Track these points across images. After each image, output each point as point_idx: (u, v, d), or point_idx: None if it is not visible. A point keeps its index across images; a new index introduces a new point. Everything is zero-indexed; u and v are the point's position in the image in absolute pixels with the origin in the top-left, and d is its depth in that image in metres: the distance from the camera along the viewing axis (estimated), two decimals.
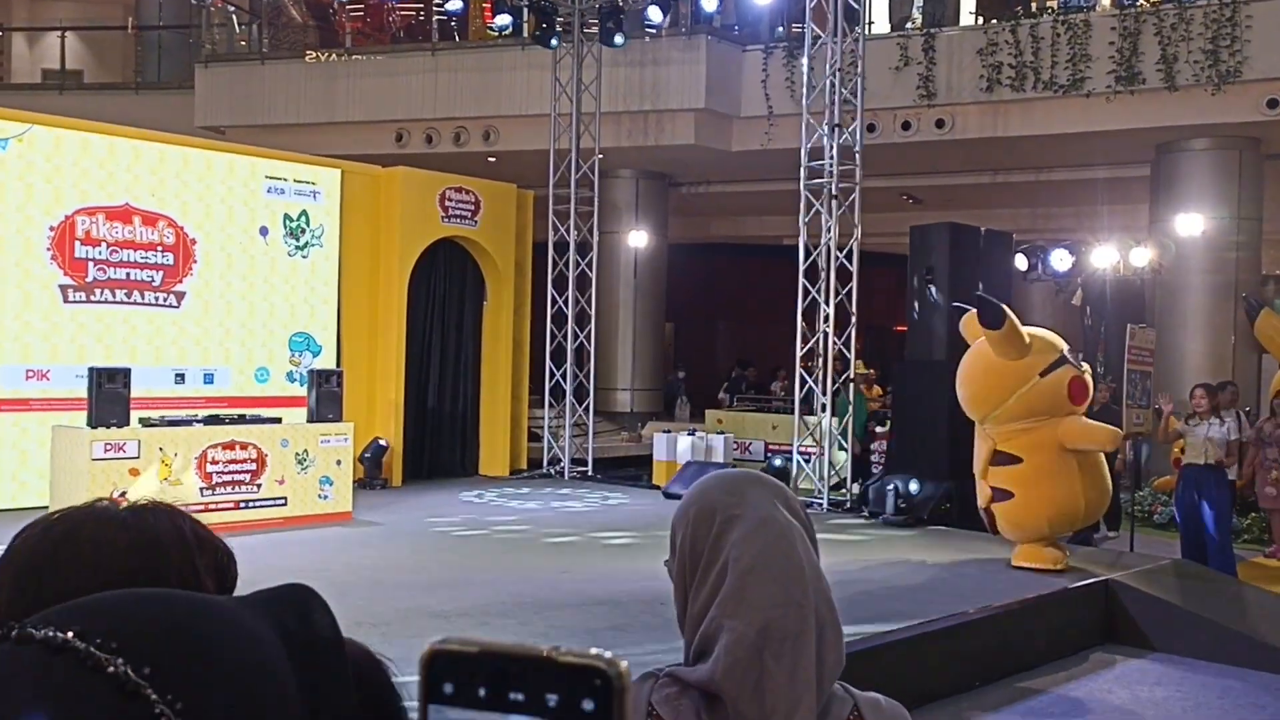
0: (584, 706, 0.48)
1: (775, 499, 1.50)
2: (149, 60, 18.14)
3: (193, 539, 1.08)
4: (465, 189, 12.13)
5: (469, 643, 0.50)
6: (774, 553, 1.45)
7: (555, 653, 0.49)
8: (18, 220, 9.23)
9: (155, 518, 1.08)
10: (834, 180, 10.76)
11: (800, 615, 1.41)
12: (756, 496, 1.50)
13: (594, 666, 0.49)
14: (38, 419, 9.07)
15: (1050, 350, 7.56)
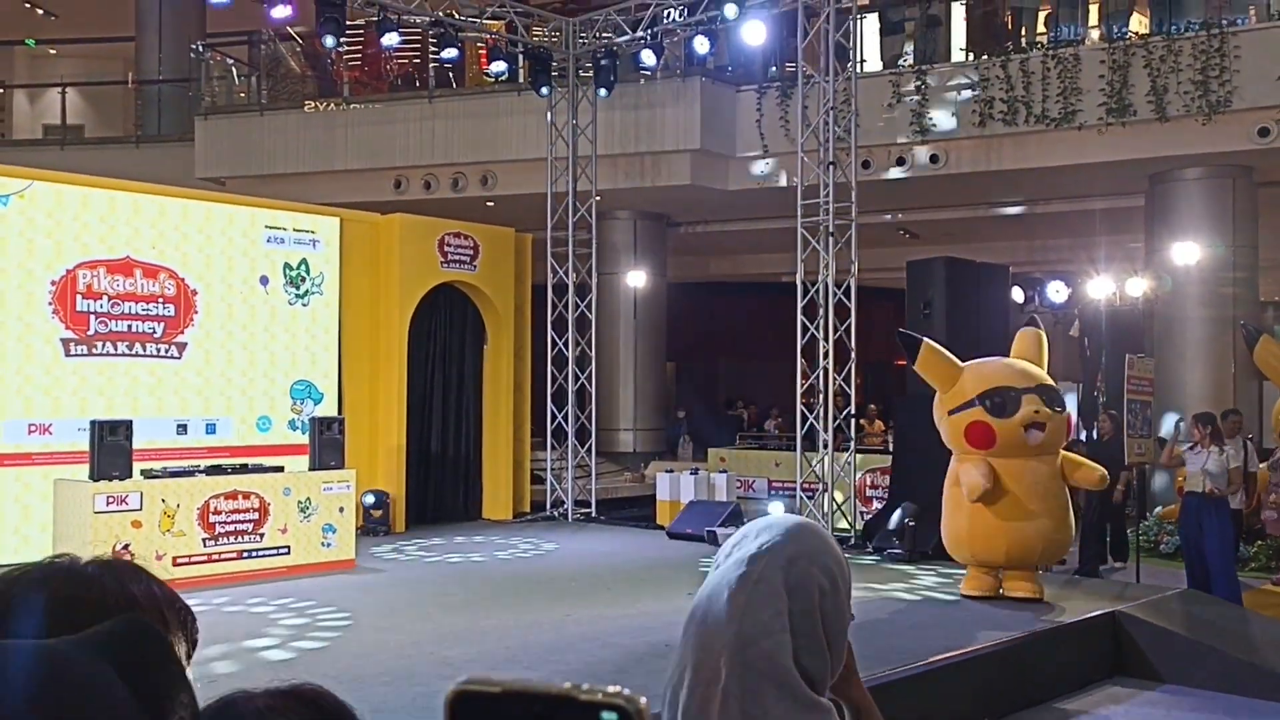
0: None
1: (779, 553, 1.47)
2: (149, 114, 18.31)
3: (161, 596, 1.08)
4: (464, 234, 12.21)
5: (491, 683, 0.52)
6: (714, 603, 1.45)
7: (575, 690, 0.51)
8: (19, 275, 9.29)
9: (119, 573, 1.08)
10: (830, 217, 10.83)
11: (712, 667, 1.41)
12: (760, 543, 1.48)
13: (614, 703, 0.50)
14: (40, 473, 9.08)
15: (971, 389, 7.37)
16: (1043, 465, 7.33)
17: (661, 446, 17.15)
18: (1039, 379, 7.41)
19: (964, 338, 10.14)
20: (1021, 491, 7.30)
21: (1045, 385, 7.39)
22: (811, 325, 10.95)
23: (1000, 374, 7.41)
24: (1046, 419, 7.24)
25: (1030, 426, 7.19)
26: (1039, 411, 7.19)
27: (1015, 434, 7.17)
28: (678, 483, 12.08)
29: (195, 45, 17.07)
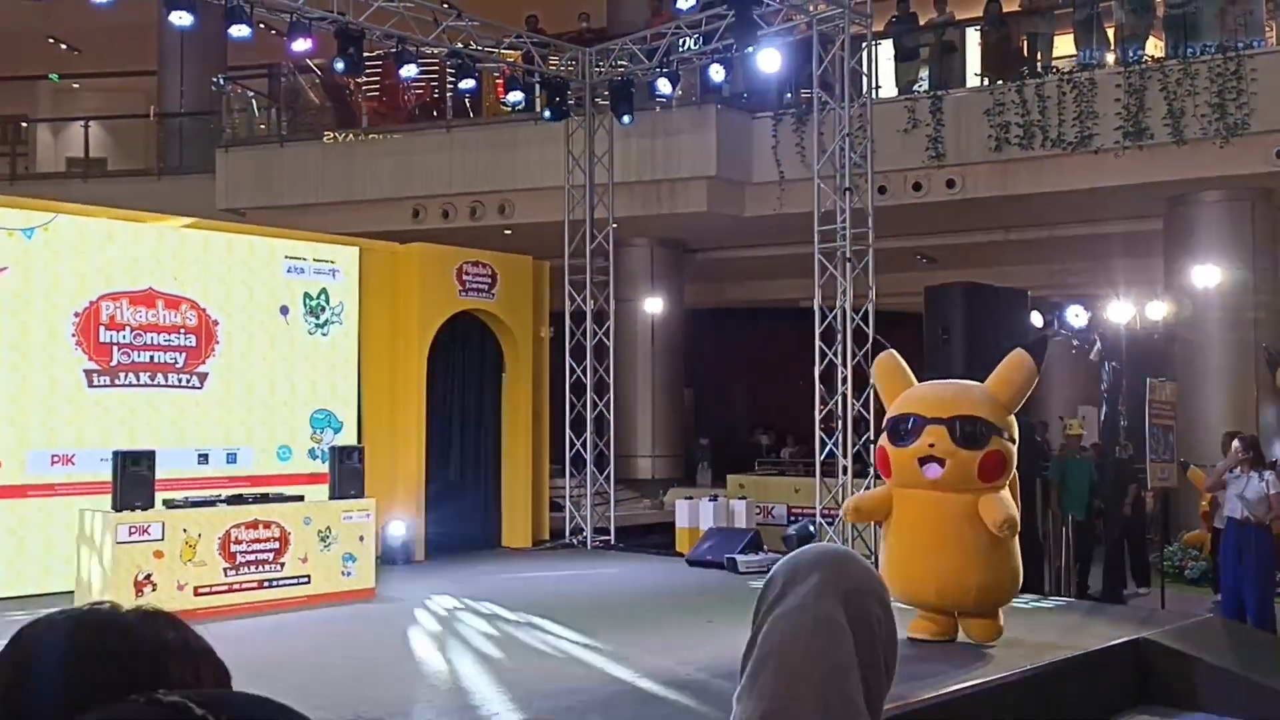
0: None
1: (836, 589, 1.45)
2: (171, 146, 18.52)
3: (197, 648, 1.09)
4: (482, 262, 12.27)
5: None
6: (793, 643, 1.42)
7: None
8: (44, 307, 9.38)
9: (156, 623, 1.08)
10: (847, 243, 10.84)
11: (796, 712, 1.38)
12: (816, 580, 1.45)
13: None
14: (63, 503, 9.13)
15: (896, 409, 6.81)
16: (950, 503, 6.54)
17: (680, 473, 17.12)
18: (962, 409, 6.56)
19: (983, 363, 10.07)
20: (926, 528, 6.67)
21: (964, 418, 6.51)
22: (830, 351, 10.95)
23: (918, 399, 6.77)
24: (945, 455, 6.45)
25: (925, 460, 6.48)
26: (934, 445, 6.46)
27: (909, 466, 6.56)
28: (696, 509, 12.05)
29: (216, 78, 17.28)
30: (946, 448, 6.41)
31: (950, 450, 6.42)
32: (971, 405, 6.56)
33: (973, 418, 6.49)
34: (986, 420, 6.51)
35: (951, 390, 6.77)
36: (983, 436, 6.49)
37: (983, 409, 6.55)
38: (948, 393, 6.72)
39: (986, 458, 6.46)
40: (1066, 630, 7.73)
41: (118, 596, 7.49)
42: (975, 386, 6.72)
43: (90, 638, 1.04)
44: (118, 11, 9.57)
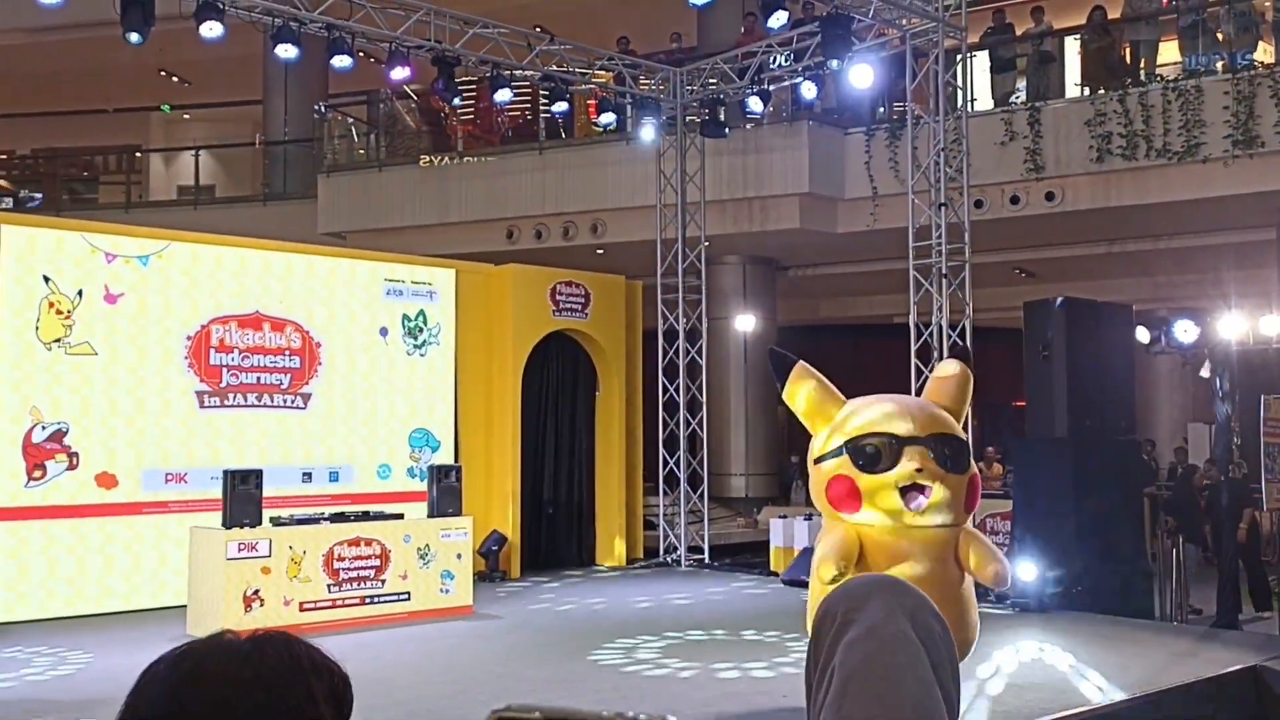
0: None
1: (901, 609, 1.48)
2: (275, 173, 19.13)
3: (309, 666, 1.12)
4: (575, 283, 12.40)
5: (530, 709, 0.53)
6: (875, 663, 1.43)
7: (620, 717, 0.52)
8: (158, 331, 9.76)
9: (274, 649, 1.12)
10: (943, 258, 10.69)
11: None
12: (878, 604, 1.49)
13: None
14: (176, 520, 9.47)
15: (842, 432, 5.40)
16: (933, 542, 5.26)
17: (774, 491, 17.00)
18: (938, 427, 5.32)
19: (1086, 381, 9.88)
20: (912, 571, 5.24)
21: (943, 435, 5.31)
22: (925, 368, 10.78)
23: (884, 415, 5.38)
24: (933, 479, 5.18)
25: (908, 489, 5.18)
26: (921, 470, 5.16)
27: (888, 496, 5.19)
28: (791, 528, 11.95)
29: (318, 106, 17.81)
30: (934, 472, 5.19)
31: (935, 474, 5.18)
32: (945, 422, 5.37)
33: (953, 436, 5.34)
34: (961, 439, 5.41)
35: (920, 404, 5.57)
36: (964, 457, 5.36)
37: (954, 427, 5.41)
38: (916, 408, 5.46)
39: (971, 482, 5.33)
40: (1179, 656, 7.48)
41: (228, 612, 7.74)
42: (928, 401, 5.57)
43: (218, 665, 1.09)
44: (225, 44, 9.94)
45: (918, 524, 5.21)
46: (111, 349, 9.52)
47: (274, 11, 9.88)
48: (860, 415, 5.43)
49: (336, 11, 10.22)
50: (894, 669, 1.42)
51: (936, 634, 1.47)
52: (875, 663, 1.43)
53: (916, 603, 1.49)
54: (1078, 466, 9.72)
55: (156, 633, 8.14)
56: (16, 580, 8.90)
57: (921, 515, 5.21)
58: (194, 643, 1.15)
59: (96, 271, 9.49)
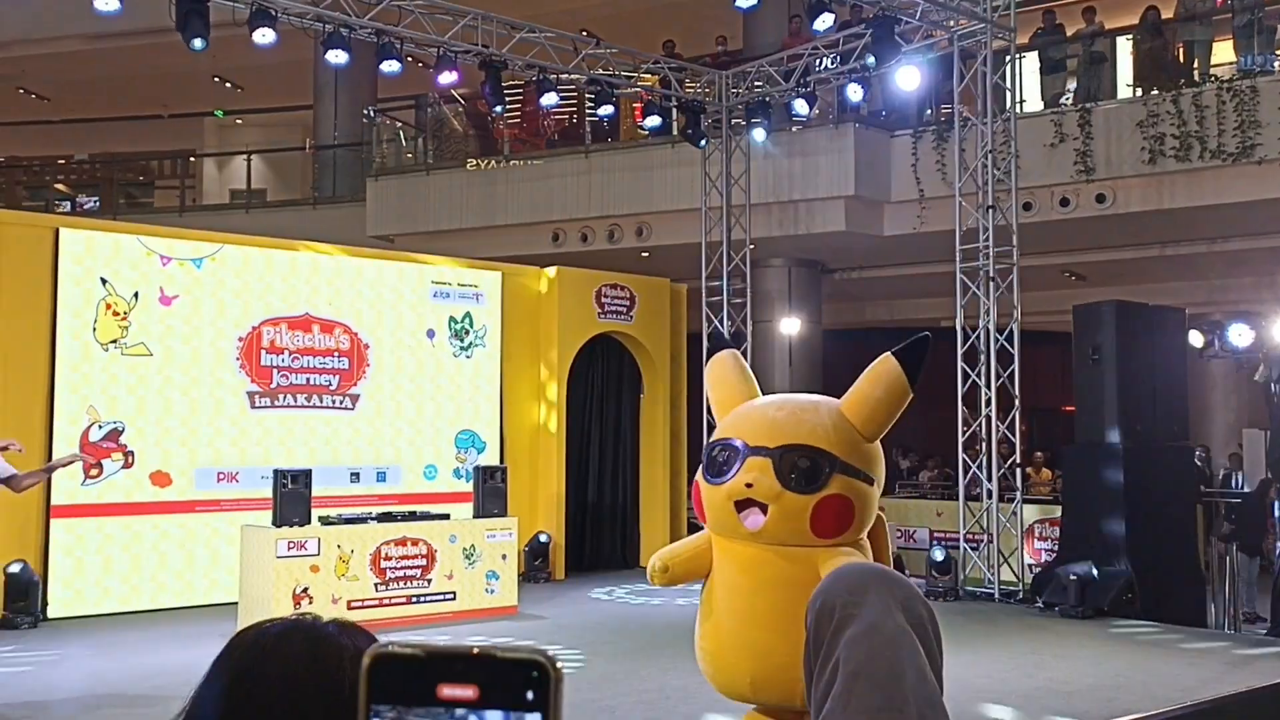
0: (525, 695, 0.53)
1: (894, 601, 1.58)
2: (325, 176, 19.37)
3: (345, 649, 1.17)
4: (620, 285, 12.44)
5: (411, 645, 0.55)
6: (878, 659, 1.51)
7: (494, 649, 0.54)
8: (211, 333, 9.94)
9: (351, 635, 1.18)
10: (990, 261, 10.60)
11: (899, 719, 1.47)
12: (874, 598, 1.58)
13: (532, 660, 0.54)
14: (227, 519, 9.63)
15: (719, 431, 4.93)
16: (780, 564, 4.65)
17: None
18: (795, 437, 4.68)
19: (1138, 386, 9.75)
20: (746, 595, 4.74)
21: (798, 448, 4.65)
22: (973, 372, 10.71)
23: (743, 419, 4.88)
24: (768, 498, 4.59)
25: (743, 504, 4.65)
26: (753, 485, 4.60)
27: (724, 510, 4.71)
28: None
29: (367, 110, 18.01)
30: (769, 488, 4.59)
31: (774, 492, 4.58)
32: (809, 431, 4.69)
33: (809, 448, 4.64)
34: (827, 453, 4.65)
35: (789, 410, 4.86)
36: (820, 475, 4.62)
37: (825, 437, 4.69)
38: (782, 413, 4.82)
39: (823, 504, 4.58)
40: (1232, 665, 7.36)
41: (277, 609, 7.87)
42: (826, 406, 4.90)
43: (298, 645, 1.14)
44: (277, 50, 10.10)
45: (761, 544, 4.66)
46: (166, 350, 9.70)
47: (325, 18, 10.03)
48: (731, 417, 4.94)
49: (386, 17, 10.35)
50: (896, 664, 1.49)
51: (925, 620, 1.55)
52: (879, 659, 1.53)
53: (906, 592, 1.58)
54: (1129, 473, 9.60)
55: (209, 629, 8.29)
56: (74, 577, 9.10)
57: (759, 535, 4.64)
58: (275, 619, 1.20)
59: (152, 274, 9.68)
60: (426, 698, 0.53)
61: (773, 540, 4.65)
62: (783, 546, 4.64)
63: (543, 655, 0.54)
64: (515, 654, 0.54)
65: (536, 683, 0.54)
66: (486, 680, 0.54)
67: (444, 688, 0.53)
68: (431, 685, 0.53)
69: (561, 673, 0.54)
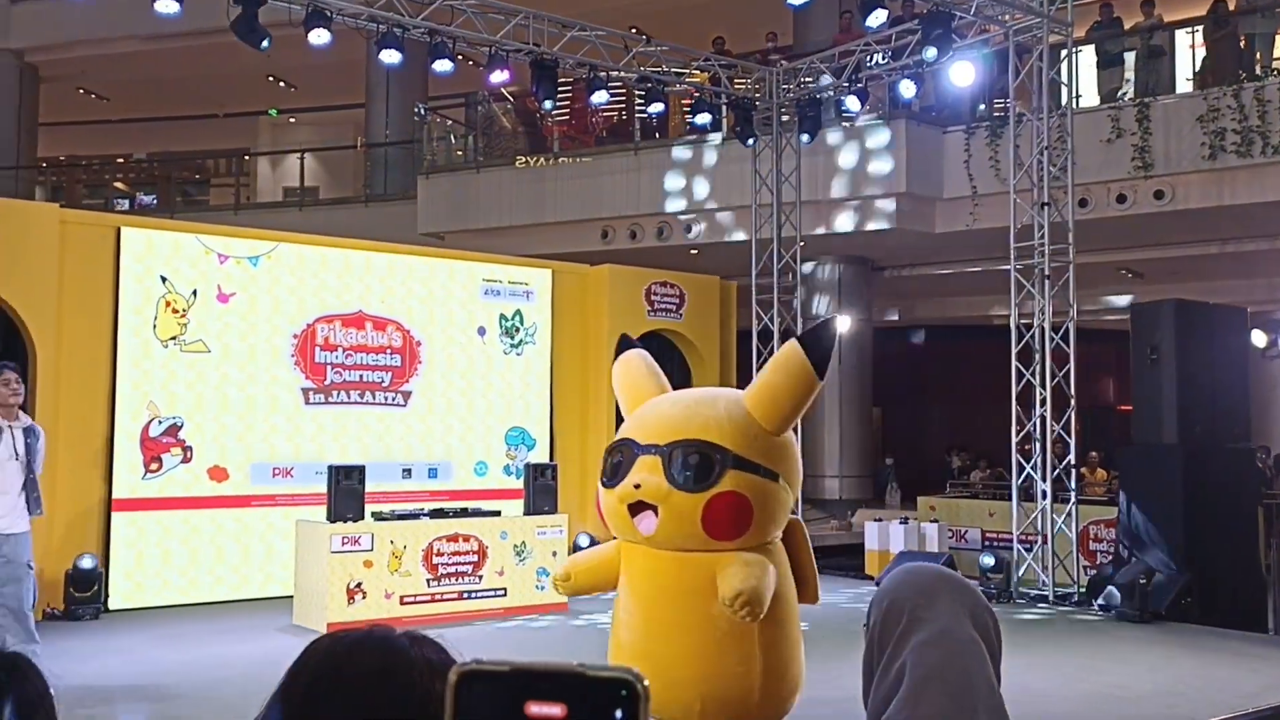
0: (615, 714, 0.53)
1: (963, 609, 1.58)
2: (376, 174, 19.57)
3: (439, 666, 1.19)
4: (670, 283, 12.43)
5: (499, 662, 0.56)
6: (950, 667, 1.53)
7: (584, 668, 0.54)
8: (267, 330, 10.08)
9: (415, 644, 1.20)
10: (1045, 259, 10.46)
11: None
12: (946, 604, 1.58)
13: (620, 679, 0.54)
14: (282, 513, 9.77)
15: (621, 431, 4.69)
16: (680, 569, 4.37)
17: (868, 494, 16.82)
18: (686, 432, 4.37)
19: (1197, 386, 9.58)
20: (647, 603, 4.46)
21: (689, 443, 4.34)
22: (1027, 371, 10.58)
23: (638, 417, 4.62)
24: (658, 498, 4.28)
25: (636, 508, 4.35)
26: (641, 485, 4.31)
27: (619, 515, 4.43)
28: (887, 531, 11.82)
29: (418, 108, 18.15)
30: (658, 488, 4.28)
31: (662, 491, 4.27)
32: (701, 425, 4.35)
33: (699, 443, 4.31)
34: (719, 446, 4.30)
35: (684, 404, 4.57)
36: (712, 471, 4.27)
37: (720, 431, 4.34)
38: (677, 408, 4.53)
39: (715, 502, 4.23)
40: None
41: (332, 603, 7.97)
42: (726, 398, 4.57)
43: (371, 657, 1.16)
44: (330, 49, 10.21)
45: (658, 550, 4.36)
46: (223, 347, 9.86)
47: (379, 18, 10.12)
48: (631, 417, 4.69)
49: (439, 17, 10.42)
50: (967, 674, 1.54)
51: (990, 629, 1.59)
52: (950, 667, 1.54)
53: (974, 600, 1.61)
54: (1187, 474, 9.44)
55: (265, 622, 8.42)
56: (134, 570, 9.28)
57: (654, 540, 4.32)
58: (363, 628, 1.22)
59: (210, 272, 9.84)
60: (514, 715, 0.53)
61: (668, 544, 4.35)
62: (681, 552, 4.33)
63: (631, 674, 0.54)
64: (604, 673, 0.54)
65: (625, 701, 0.54)
66: (574, 699, 0.54)
67: (531, 705, 0.54)
68: (519, 702, 0.54)
69: (649, 691, 0.54)
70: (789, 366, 4.43)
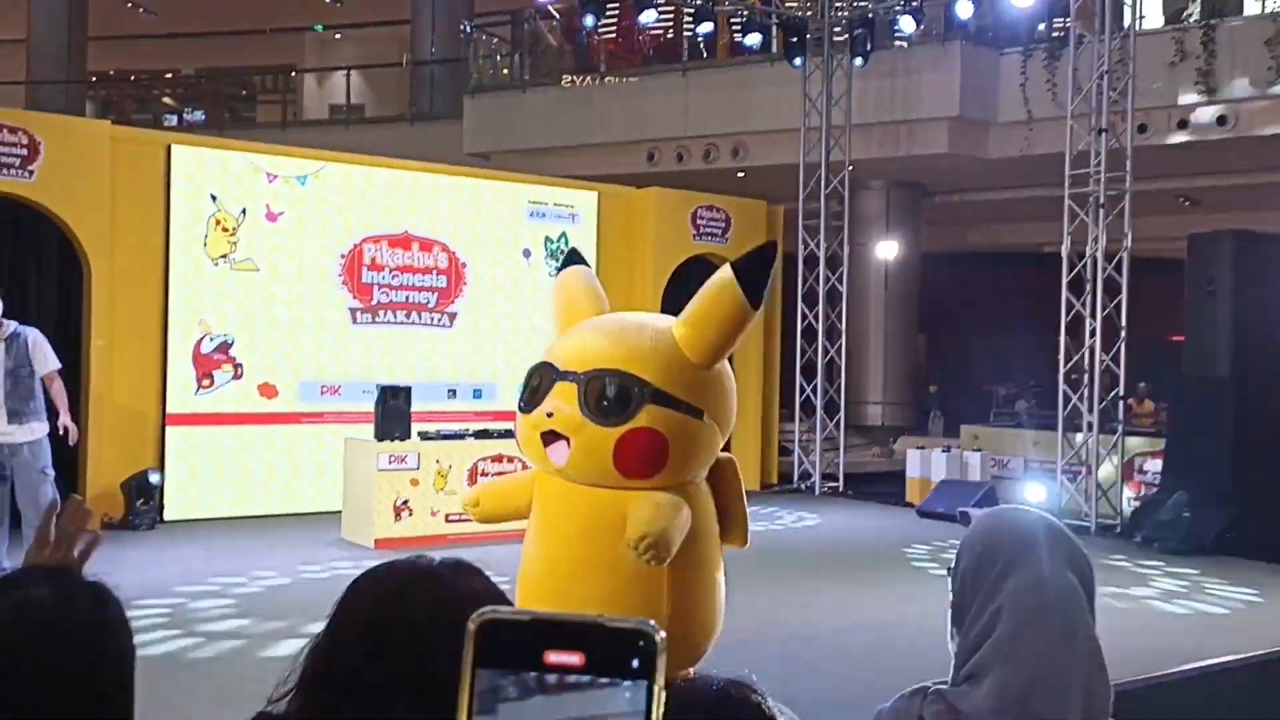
0: (631, 664, 0.55)
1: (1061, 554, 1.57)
2: (422, 93, 19.46)
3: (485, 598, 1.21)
4: (716, 207, 12.34)
5: (521, 612, 0.58)
6: (1050, 612, 1.54)
7: (603, 619, 0.56)
8: (314, 250, 10.16)
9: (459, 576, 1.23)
10: (1101, 187, 10.24)
11: (1066, 675, 1.48)
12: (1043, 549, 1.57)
13: (638, 630, 0.56)
14: (331, 431, 9.93)
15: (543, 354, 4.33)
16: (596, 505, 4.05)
17: (911, 420, 16.80)
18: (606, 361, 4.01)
19: (1256, 322, 9.40)
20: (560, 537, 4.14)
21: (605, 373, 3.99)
22: (1077, 301, 10.43)
23: (562, 340, 4.32)
24: (571, 429, 3.96)
25: (549, 437, 4.02)
26: (554, 414, 4.00)
27: (532, 443, 4.12)
28: (929, 459, 11.81)
29: (464, 26, 17.97)
30: (571, 418, 3.99)
31: (575, 423, 3.98)
32: (625, 354, 4.04)
33: (619, 373, 3.99)
34: (640, 379, 3.98)
35: (609, 331, 4.25)
36: (628, 404, 3.97)
37: (643, 362, 4.02)
38: (601, 333, 4.22)
39: (628, 438, 3.94)
40: None
41: (379, 520, 8.13)
42: (655, 326, 4.25)
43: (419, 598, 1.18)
44: None
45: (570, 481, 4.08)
46: (272, 266, 9.95)
47: None
48: (558, 339, 4.38)
49: None
50: (1067, 621, 1.53)
51: (1087, 574, 1.58)
52: (1049, 612, 1.54)
53: (1072, 546, 1.59)
54: (1239, 409, 9.31)
55: (315, 536, 8.63)
56: (188, 482, 9.51)
57: (566, 471, 4.05)
58: (393, 564, 1.25)
59: (258, 190, 9.90)
60: (533, 663, 0.55)
61: (580, 478, 4.05)
62: (593, 487, 4.04)
63: (648, 625, 0.56)
64: (622, 624, 0.56)
65: (642, 652, 0.55)
66: (593, 648, 0.56)
67: (550, 654, 0.55)
68: (538, 651, 0.55)
69: (665, 645, 0.56)
70: (721, 295, 4.09)
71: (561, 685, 0.55)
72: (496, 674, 0.55)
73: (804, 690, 4.91)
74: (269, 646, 5.69)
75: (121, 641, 1.25)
